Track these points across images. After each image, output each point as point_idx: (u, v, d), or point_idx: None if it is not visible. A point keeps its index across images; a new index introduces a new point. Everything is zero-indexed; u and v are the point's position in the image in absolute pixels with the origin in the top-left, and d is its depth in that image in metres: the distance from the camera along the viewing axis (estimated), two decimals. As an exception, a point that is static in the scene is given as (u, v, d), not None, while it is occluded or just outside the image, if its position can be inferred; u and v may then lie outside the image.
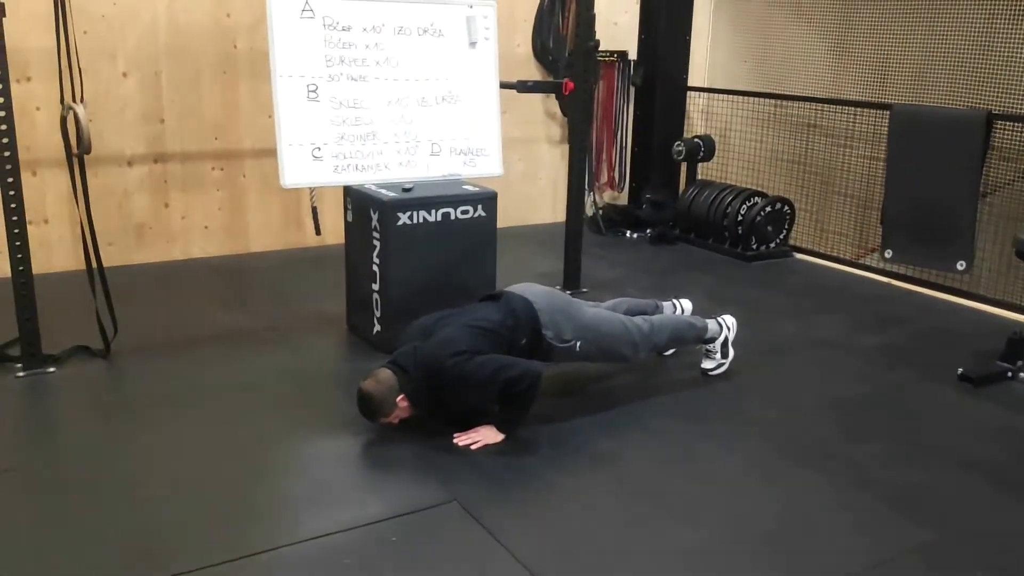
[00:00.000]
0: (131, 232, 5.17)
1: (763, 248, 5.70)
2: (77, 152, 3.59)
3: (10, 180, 3.47)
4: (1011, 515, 2.75)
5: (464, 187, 4.06)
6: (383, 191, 3.89)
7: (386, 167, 4.03)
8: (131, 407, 3.39)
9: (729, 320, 3.79)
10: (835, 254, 5.73)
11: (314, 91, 3.87)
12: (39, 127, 4.78)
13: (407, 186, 3.94)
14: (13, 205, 3.50)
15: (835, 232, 5.95)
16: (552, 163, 6.56)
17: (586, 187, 6.43)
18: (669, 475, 2.94)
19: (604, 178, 6.66)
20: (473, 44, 4.23)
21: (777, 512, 2.74)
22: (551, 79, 6.13)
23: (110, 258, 5.09)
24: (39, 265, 4.80)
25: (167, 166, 5.19)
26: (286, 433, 3.16)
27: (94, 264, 3.76)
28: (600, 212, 6.38)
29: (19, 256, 3.55)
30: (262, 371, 3.71)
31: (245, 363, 3.80)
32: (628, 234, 6.24)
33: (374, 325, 3.95)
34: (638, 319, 3.55)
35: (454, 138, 4.20)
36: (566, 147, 6.47)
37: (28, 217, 4.80)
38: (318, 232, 5.03)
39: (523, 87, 4.75)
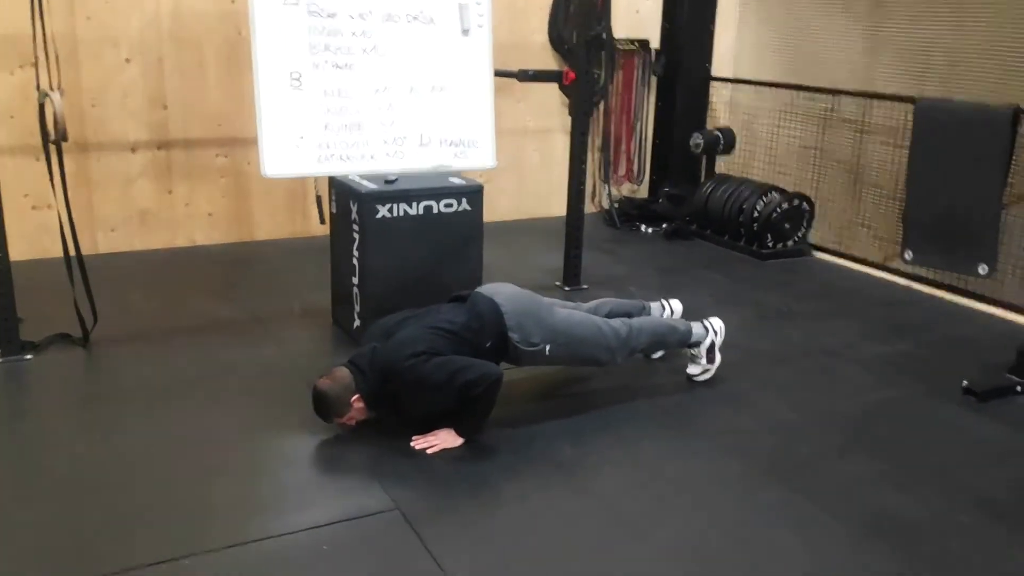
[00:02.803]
0: (134, 218, 5.17)
1: (780, 246, 5.47)
2: (54, 139, 3.55)
3: (-14, 167, 3.45)
4: (993, 547, 2.55)
5: (450, 180, 3.94)
6: (365, 182, 3.80)
7: (372, 157, 3.92)
8: (99, 398, 3.37)
9: (716, 323, 3.61)
10: (861, 255, 5.44)
11: (297, 79, 3.78)
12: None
13: (390, 178, 3.84)
14: (-11, 192, 3.49)
15: (870, 233, 5.67)
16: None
17: (603, 179, 6.30)
18: (629, 488, 2.79)
19: (622, 170, 6.47)
20: (466, 32, 4.09)
21: (737, 532, 2.57)
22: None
23: (112, 244, 5.16)
24: (41, 250, 4.86)
25: (170, 153, 5.17)
26: (246, 429, 3.09)
27: (72, 252, 3.74)
28: (615, 205, 6.20)
29: (-4, 242, 3.54)
30: (237, 364, 3.66)
31: (223, 355, 3.75)
32: (643, 229, 6.06)
33: (354, 320, 3.87)
34: (616, 322, 3.40)
35: (444, 129, 4.07)
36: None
37: (31, 202, 4.89)
38: (323, 221, 4.95)
39: (524, 76, 4.61)
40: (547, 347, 3.19)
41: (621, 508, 2.67)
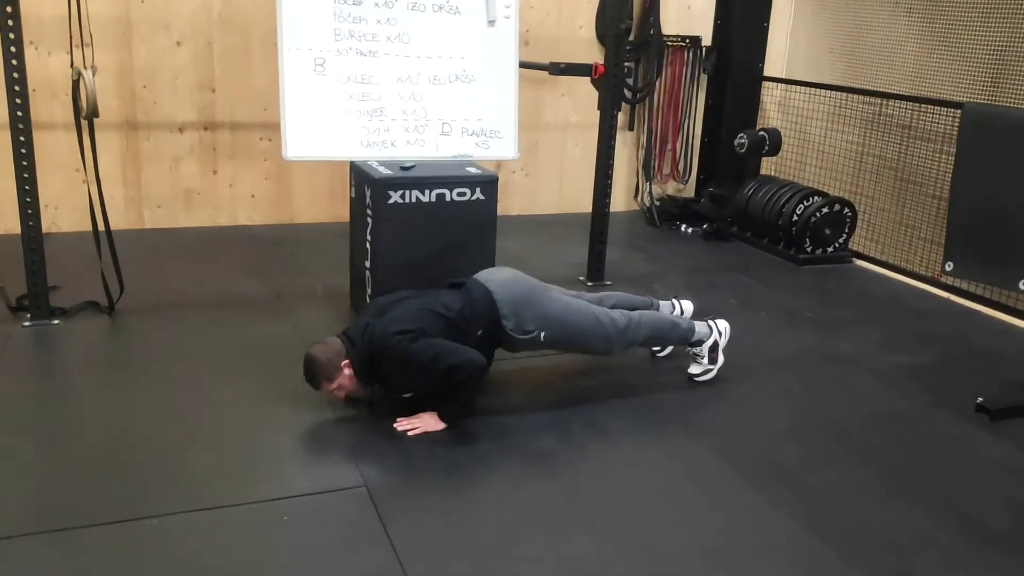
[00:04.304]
0: (180, 197, 5.36)
1: (819, 252, 5.33)
2: (85, 115, 3.72)
3: (22, 139, 3.63)
4: (969, 569, 2.44)
5: (467, 169, 3.97)
6: (381, 168, 3.86)
7: (393, 144, 3.98)
8: (112, 363, 3.53)
9: (722, 324, 3.55)
10: (905, 265, 5.25)
11: (321, 65, 3.87)
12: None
13: (406, 164, 3.89)
14: (25, 163, 3.66)
15: (920, 243, 5.47)
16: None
17: (645, 177, 6.24)
18: (601, 482, 2.77)
19: (667, 169, 6.40)
20: (492, 22, 4.11)
21: (699, 533, 2.54)
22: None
23: (158, 220, 5.36)
24: (89, 223, 5.09)
25: (216, 134, 5.34)
26: (245, 401, 3.18)
27: (101, 227, 3.91)
28: (657, 204, 6.13)
29: (29, 212, 3.72)
30: (250, 339, 3.77)
31: (238, 330, 3.86)
32: (683, 228, 5.98)
33: (367, 302, 3.93)
34: (615, 313, 3.38)
35: (466, 119, 4.10)
36: (628, 134, 6.29)
37: (82, 176, 5.11)
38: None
39: (554, 69, 4.60)
40: (541, 333, 3.20)
41: (588, 502, 2.66)
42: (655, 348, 3.79)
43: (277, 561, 2.31)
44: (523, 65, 4.36)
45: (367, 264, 3.88)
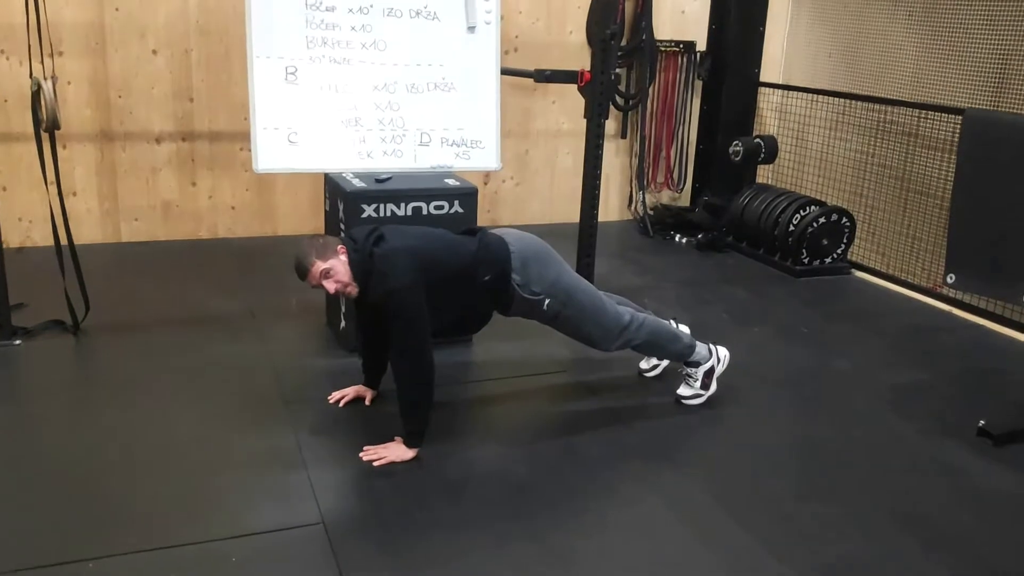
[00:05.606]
0: (158, 209, 5.21)
1: (817, 263, 5.15)
2: (46, 127, 3.57)
3: (-20, 153, 3.50)
4: (966, 612, 2.28)
5: (445, 181, 3.81)
6: (355, 181, 3.71)
7: (369, 155, 3.83)
8: (71, 386, 3.37)
9: (722, 352, 3.38)
10: (906, 277, 5.07)
11: (293, 73, 3.73)
12: (70, 102, 4.86)
13: (381, 176, 3.74)
14: (-17, 177, 3.53)
15: (922, 254, 5.29)
16: (605, 158, 6.18)
17: (638, 186, 6.08)
18: (574, 518, 2.60)
19: (661, 177, 6.23)
20: (472, 28, 3.96)
21: (672, 571, 2.37)
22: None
23: (135, 234, 5.22)
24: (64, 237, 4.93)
25: (195, 145, 5.20)
26: (206, 427, 3.02)
27: (64, 241, 3.76)
28: (650, 213, 5.96)
29: (-12, 228, 3.58)
30: (218, 359, 3.61)
31: (206, 349, 3.71)
32: (677, 238, 5.81)
33: (341, 321, 3.78)
34: (621, 308, 3.23)
35: (446, 128, 3.95)
36: (620, 142, 6.14)
37: (56, 189, 4.98)
38: (343, 218, 4.90)
39: (540, 76, 4.43)
40: (546, 300, 3.05)
41: (557, 540, 2.48)
42: (644, 367, 3.63)
43: (220, 609, 2.15)
44: (506, 72, 4.20)
45: (341, 281, 3.71)
